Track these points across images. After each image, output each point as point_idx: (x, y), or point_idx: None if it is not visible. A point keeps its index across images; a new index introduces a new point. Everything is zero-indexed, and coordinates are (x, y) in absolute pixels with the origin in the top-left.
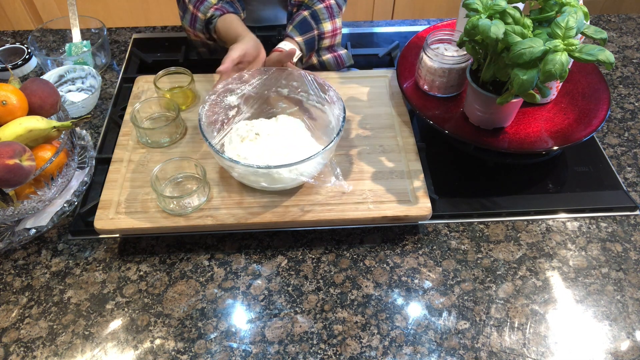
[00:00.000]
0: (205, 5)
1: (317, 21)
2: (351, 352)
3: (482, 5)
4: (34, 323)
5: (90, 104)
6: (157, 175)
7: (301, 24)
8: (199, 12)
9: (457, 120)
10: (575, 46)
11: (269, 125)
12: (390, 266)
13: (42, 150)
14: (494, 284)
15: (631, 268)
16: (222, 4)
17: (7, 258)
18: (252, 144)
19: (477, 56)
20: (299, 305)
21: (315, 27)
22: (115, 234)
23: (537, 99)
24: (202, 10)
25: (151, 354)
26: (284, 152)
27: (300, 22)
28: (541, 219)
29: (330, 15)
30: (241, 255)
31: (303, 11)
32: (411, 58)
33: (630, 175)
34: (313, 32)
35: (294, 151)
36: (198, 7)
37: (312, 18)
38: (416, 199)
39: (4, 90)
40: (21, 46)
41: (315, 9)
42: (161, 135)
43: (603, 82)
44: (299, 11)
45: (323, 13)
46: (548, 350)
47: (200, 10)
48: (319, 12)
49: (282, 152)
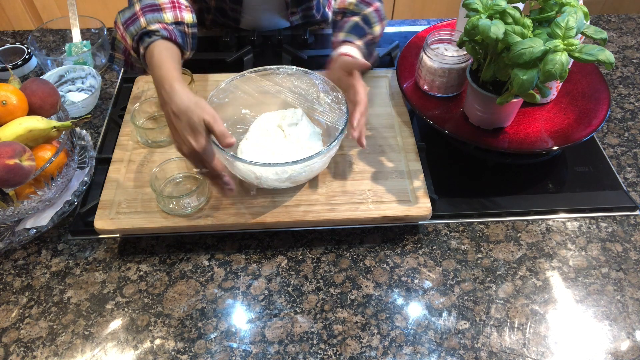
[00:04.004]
0: (155, 16)
1: (369, 25)
2: (351, 352)
3: (482, 5)
4: (34, 323)
5: (90, 104)
6: (156, 175)
7: (355, 28)
8: (143, 17)
9: (457, 120)
10: (575, 46)
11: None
12: (390, 266)
13: (42, 150)
14: (494, 284)
15: (631, 268)
16: (175, 29)
17: (7, 258)
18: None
19: (477, 56)
20: (299, 305)
21: (369, 31)
22: (115, 234)
23: (537, 99)
24: (149, 19)
25: (151, 354)
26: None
27: (354, 27)
28: (541, 219)
29: (379, 19)
30: (241, 255)
31: (351, 17)
32: (411, 58)
33: (630, 175)
34: (368, 37)
35: (301, 151)
36: (145, 13)
37: (364, 23)
38: (416, 199)
39: (4, 90)
40: (21, 46)
41: (365, 13)
42: (161, 135)
43: (603, 82)
44: (345, 18)
45: (373, 17)
46: (548, 350)
47: (146, 18)
48: (369, 16)
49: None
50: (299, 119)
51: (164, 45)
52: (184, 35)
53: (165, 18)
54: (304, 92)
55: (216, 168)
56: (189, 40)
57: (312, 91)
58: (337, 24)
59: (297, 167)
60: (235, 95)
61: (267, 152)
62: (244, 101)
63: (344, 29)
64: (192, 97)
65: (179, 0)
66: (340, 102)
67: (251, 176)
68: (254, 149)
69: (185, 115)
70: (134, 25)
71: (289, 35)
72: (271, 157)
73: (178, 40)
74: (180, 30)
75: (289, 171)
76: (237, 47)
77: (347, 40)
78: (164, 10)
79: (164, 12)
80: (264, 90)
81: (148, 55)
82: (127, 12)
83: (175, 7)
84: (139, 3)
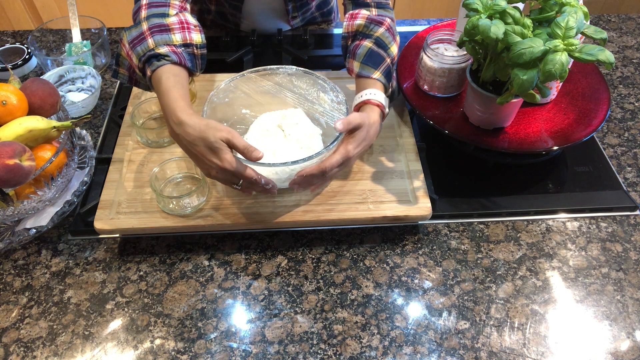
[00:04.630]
0: (164, 38)
1: (385, 49)
2: (351, 352)
3: (482, 5)
4: (34, 323)
5: (90, 104)
6: (156, 175)
7: (370, 57)
8: (151, 38)
9: (457, 120)
10: (575, 46)
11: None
12: (390, 266)
13: (42, 150)
14: (494, 284)
15: (631, 268)
16: (184, 51)
17: (7, 258)
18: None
19: (477, 56)
20: (299, 305)
21: (385, 55)
22: (115, 234)
23: (537, 99)
24: (157, 41)
25: (151, 354)
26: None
27: (368, 55)
28: (541, 219)
29: (393, 37)
30: (241, 255)
31: (362, 41)
32: (411, 58)
33: (630, 175)
34: (386, 62)
35: (301, 152)
36: (153, 34)
37: (379, 47)
38: (416, 199)
39: (4, 90)
40: (21, 46)
41: (377, 35)
42: (161, 135)
43: (603, 82)
44: (356, 42)
45: (387, 37)
46: (548, 350)
47: (155, 39)
48: (383, 37)
49: (292, 150)
50: (299, 119)
51: (172, 71)
52: (193, 57)
53: (174, 40)
54: (304, 92)
55: (251, 177)
56: (198, 62)
57: (312, 91)
58: (347, 48)
59: (297, 167)
60: (235, 95)
61: (267, 152)
62: (244, 101)
63: (357, 56)
64: (201, 121)
65: (188, 20)
66: (341, 102)
67: None
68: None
69: (201, 140)
70: (141, 45)
71: (289, 36)
72: (271, 157)
73: (187, 64)
74: (189, 52)
75: (289, 171)
76: (237, 47)
77: (364, 75)
78: (172, 31)
79: (173, 33)
80: (264, 90)
81: (155, 78)
82: (134, 30)
83: (184, 28)
84: (147, 22)
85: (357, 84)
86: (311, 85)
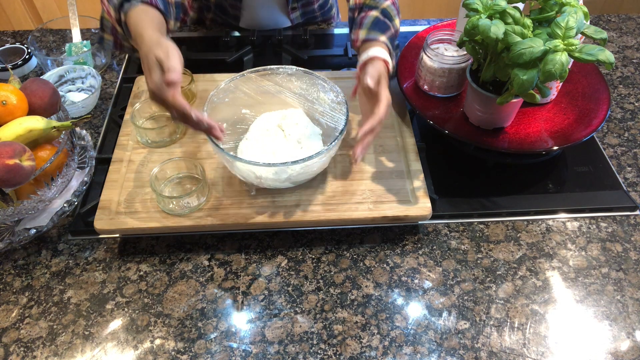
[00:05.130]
0: None
1: (390, 19)
2: (351, 352)
3: (482, 5)
4: (34, 323)
5: (90, 104)
6: (156, 175)
7: (376, 24)
8: None
9: (457, 120)
10: (575, 46)
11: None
12: (390, 266)
13: (42, 150)
14: (494, 284)
15: (631, 268)
16: None
17: (7, 258)
18: (266, 141)
19: (477, 56)
20: (299, 305)
21: (391, 25)
22: (115, 234)
23: (537, 99)
24: None
25: (151, 354)
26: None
27: (375, 22)
28: (541, 219)
29: (397, 11)
30: (241, 255)
31: (369, 12)
32: (411, 58)
33: (630, 175)
34: (391, 31)
35: (301, 152)
36: None
37: (384, 17)
38: (416, 199)
39: (4, 90)
40: (21, 46)
41: (384, 7)
42: (161, 135)
43: (603, 82)
44: (362, 13)
45: (392, 9)
46: (548, 350)
47: None
48: (389, 9)
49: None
50: (299, 119)
51: (145, 11)
52: (167, 4)
53: None
54: (304, 92)
55: (177, 104)
56: (172, 9)
57: (312, 91)
58: (354, 20)
59: (297, 167)
60: (235, 95)
61: (267, 152)
62: (244, 101)
63: (364, 25)
64: (154, 38)
65: None
66: (341, 102)
67: (251, 176)
68: (254, 149)
69: (146, 57)
70: None
71: (289, 35)
72: (271, 157)
73: (159, 6)
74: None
75: (288, 171)
76: (237, 47)
77: (371, 38)
78: None
79: None
80: (264, 90)
81: (129, 22)
82: None
83: None
84: None
85: (361, 49)
86: (311, 85)
